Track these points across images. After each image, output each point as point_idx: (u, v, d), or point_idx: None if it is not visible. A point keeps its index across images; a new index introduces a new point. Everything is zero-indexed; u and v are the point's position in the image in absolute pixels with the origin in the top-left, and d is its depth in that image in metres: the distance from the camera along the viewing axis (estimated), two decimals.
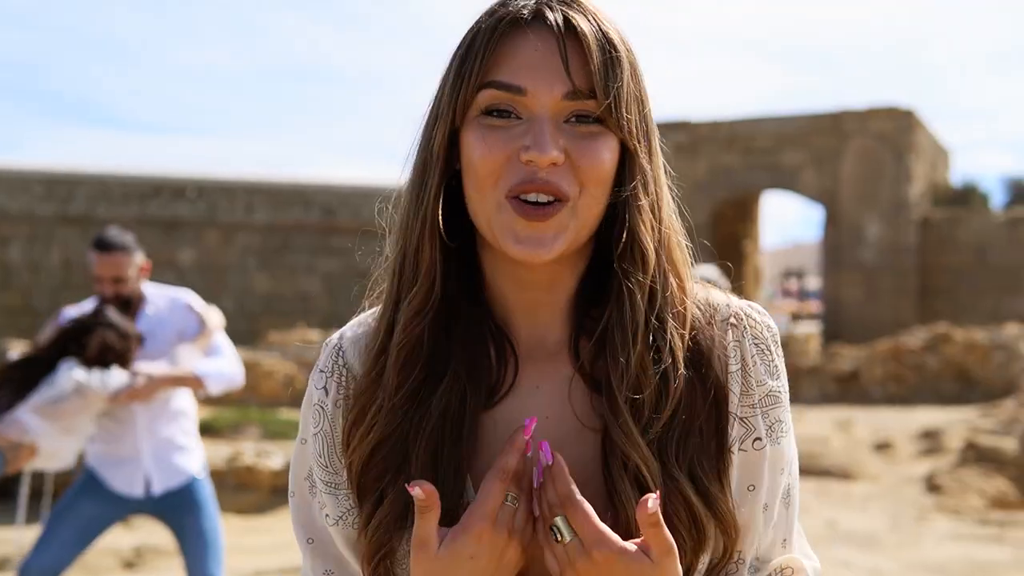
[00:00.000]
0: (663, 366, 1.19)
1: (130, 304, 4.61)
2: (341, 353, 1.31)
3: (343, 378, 1.29)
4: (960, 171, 42.04)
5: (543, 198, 1.15)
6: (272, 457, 8.99)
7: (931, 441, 11.54)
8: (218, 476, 8.85)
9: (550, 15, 1.17)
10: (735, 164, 22.41)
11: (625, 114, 1.18)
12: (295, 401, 15.78)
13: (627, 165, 1.20)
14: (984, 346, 15.53)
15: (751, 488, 1.25)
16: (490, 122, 1.17)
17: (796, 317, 29.70)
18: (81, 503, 4.52)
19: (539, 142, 1.14)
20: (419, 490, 1.10)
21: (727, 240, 24.30)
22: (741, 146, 22.12)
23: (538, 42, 1.17)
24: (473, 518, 1.12)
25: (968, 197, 23.95)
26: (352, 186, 23.54)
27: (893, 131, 21.16)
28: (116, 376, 4.39)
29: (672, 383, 1.19)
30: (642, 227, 1.20)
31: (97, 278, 4.59)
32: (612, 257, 1.21)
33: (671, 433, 1.19)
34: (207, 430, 10.79)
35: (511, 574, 1.15)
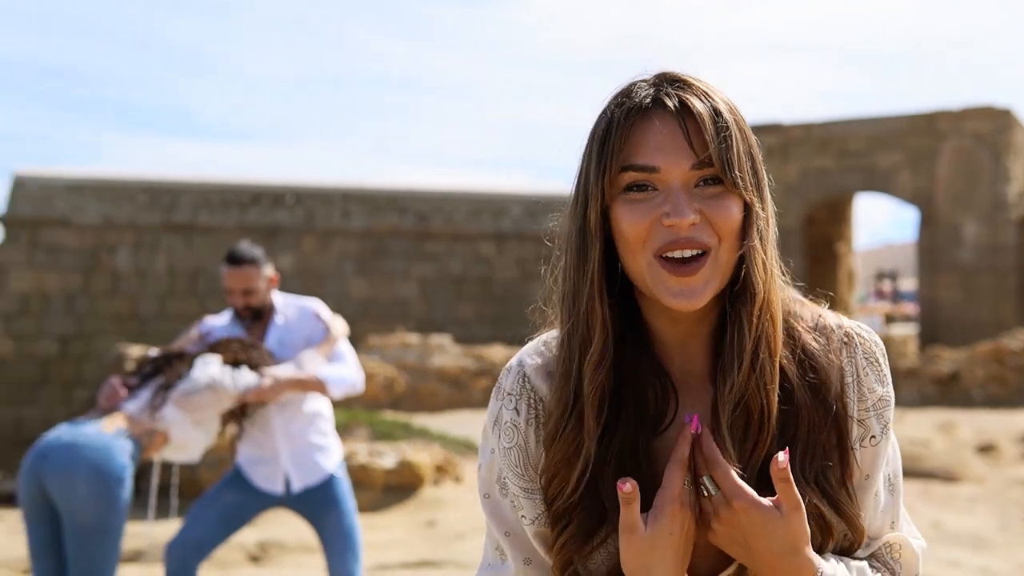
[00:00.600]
0: (766, 388, 1.41)
1: (261, 314, 4.84)
2: (527, 378, 1.52)
3: (532, 400, 1.51)
4: None
5: (687, 253, 1.38)
6: (384, 457, 9.25)
7: None
8: None
9: (668, 101, 1.41)
10: (828, 166, 22.29)
11: (739, 173, 1.39)
12: (395, 403, 16.10)
13: (748, 218, 1.42)
14: None
15: (866, 478, 1.48)
16: (633, 197, 1.41)
17: (890, 319, 29.36)
18: (227, 493, 4.79)
19: (677, 209, 1.37)
20: (628, 486, 1.35)
21: (819, 242, 24.15)
22: (834, 148, 21.99)
23: (663, 126, 1.40)
24: (665, 501, 1.37)
25: None
26: (444, 192, 23.85)
27: (990, 131, 20.88)
28: (245, 375, 4.61)
29: (774, 403, 1.41)
30: (756, 268, 1.42)
31: (228, 290, 4.81)
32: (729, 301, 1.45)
33: (796, 448, 1.42)
34: None
35: (691, 541, 1.40)
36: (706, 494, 1.38)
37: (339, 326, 4.87)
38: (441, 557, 7.53)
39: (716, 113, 1.40)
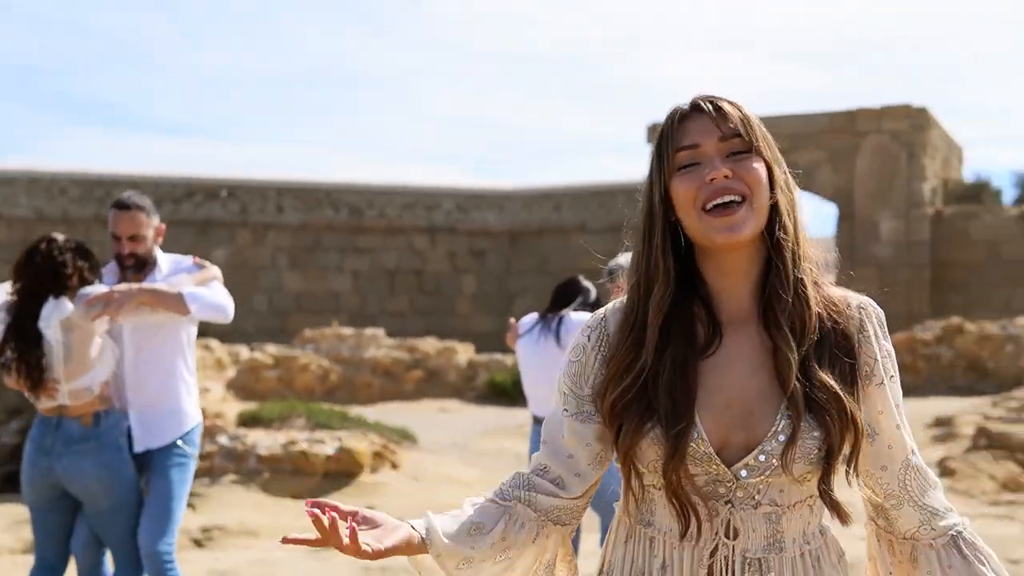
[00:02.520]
0: (806, 305, 1.84)
1: (144, 264, 4.70)
2: (604, 319, 1.96)
3: (602, 334, 1.94)
4: (973, 168, 42.15)
5: (727, 198, 1.81)
6: (324, 444, 9.54)
7: (944, 428, 11.84)
8: (274, 461, 9.42)
9: (703, 104, 1.88)
10: None
11: (762, 143, 1.86)
12: (329, 394, 16.34)
13: (772, 176, 1.85)
14: (997, 338, 15.90)
15: (896, 407, 1.89)
16: (685, 171, 1.86)
17: None
18: None
19: (714, 166, 1.83)
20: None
21: None
22: None
23: (698, 119, 1.87)
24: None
25: (980, 193, 24.26)
26: (378, 186, 24.10)
27: (907, 129, 21.44)
28: (94, 286, 4.45)
29: (812, 319, 1.83)
30: (784, 210, 1.85)
31: (115, 236, 4.68)
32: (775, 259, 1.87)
33: (820, 351, 1.83)
34: (255, 421, 11.36)
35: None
36: None
37: (215, 270, 4.77)
38: None
39: (739, 108, 1.87)
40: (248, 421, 11.31)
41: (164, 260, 4.77)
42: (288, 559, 7.26)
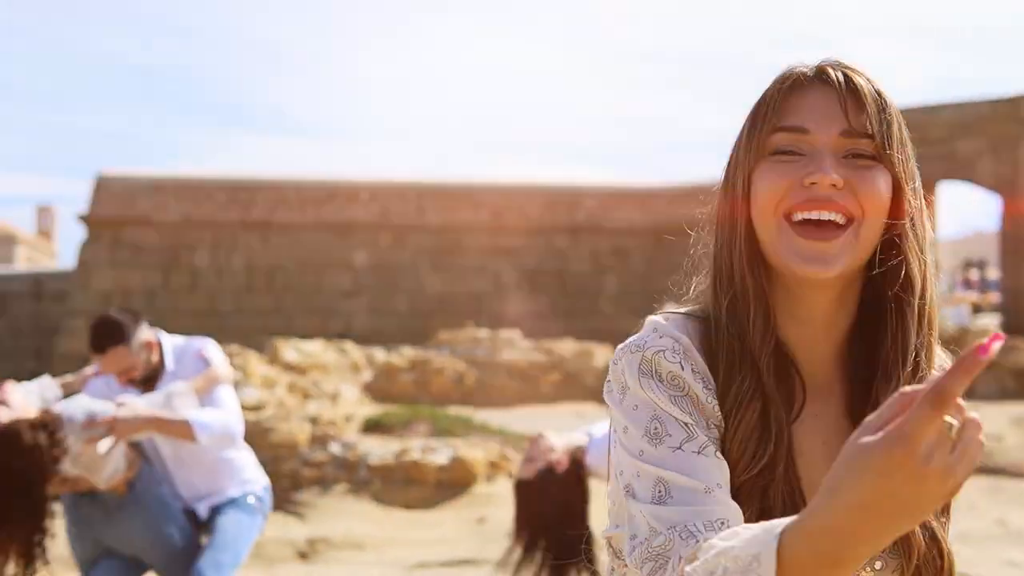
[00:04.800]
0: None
1: (150, 379, 4.33)
2: (679, 339, 1.35)
3: (690, 359, 1.34)
4: None
5: (826, 215, 1.30)
6: (438, 453, 9.28)
7: None
8: (386, 471, 9.20)
9: (832, 73, 1.35)
10: None
11: (897, 153, 1.33)
12: (464, 397, 16.12)
13: (897, 200, 1.34)
14: None
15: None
16: (778, 158, 1.34)
17: (977, 309, 28.65)
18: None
19: (820, 167, 1.30)
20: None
21: None
22: (914, 136, 21.42)
23: (819, 93, 1.35)
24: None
25: None
26: (518, 185, 23.85)
27: None
28: (98, 404, 4.08)
29: None
30: (912, 257, 1.35)
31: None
32: (883, 296, 1.36)
33: None
34: (378, 427, 11.19)
35: None
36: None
37: (223, 367, 4.39)
38: (487, 555, 7.53)
39: (879, 94, 1.35)
40: (371, 427, 11.15)
41: (169, 355, 4.37)
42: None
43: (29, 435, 3.86)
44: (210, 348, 4.40)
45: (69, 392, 4.37)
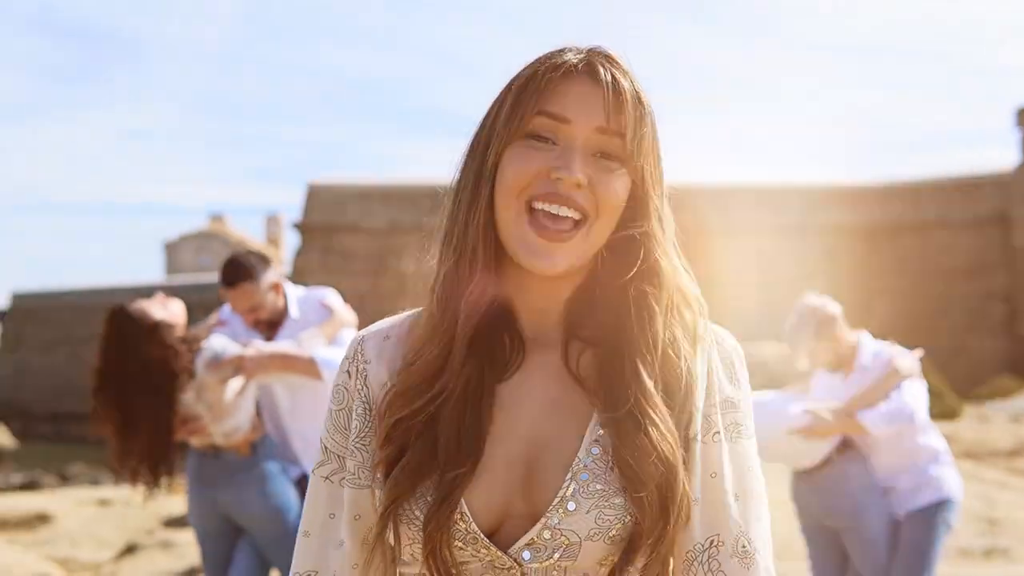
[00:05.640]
0: (682, 365, 1.41)
1: (274, 324, 4.49)
2: (362, 345, 1.53)
3: (361, 365, 1.52)
4: None
5: (563, 211, 1.37)
6: None
7: None
8: None
9: (601, 70, 1.40)
10: None
11: (646, 157, 1.40)
12: None
13: (641, 204, 1.41)
14: None
15: (712, 476, 1.41)
16: (531, 144, 1.39)
17: None
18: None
19: (569, 165, 1.36)
20: None
21: None
22: None
23: (586, 87, 1.39)
24: None
25: None
26: (722, 186, 23.40)
27: None
28: (227, 344, 4.26)
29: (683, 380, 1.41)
30: (660, 254, 1.42)
31: (234, 308, 4.49)
32: (625, 285, 1.42)
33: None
34: None
35: None
36: None
37: (346, 313, 4.52)
38: None
39: (639, 99, 1.41)
40: None
41: (294, 303, 4.53)
42: None
43: (173, 336, 4.17)
44: (331, 297, 4.55)
45: None
